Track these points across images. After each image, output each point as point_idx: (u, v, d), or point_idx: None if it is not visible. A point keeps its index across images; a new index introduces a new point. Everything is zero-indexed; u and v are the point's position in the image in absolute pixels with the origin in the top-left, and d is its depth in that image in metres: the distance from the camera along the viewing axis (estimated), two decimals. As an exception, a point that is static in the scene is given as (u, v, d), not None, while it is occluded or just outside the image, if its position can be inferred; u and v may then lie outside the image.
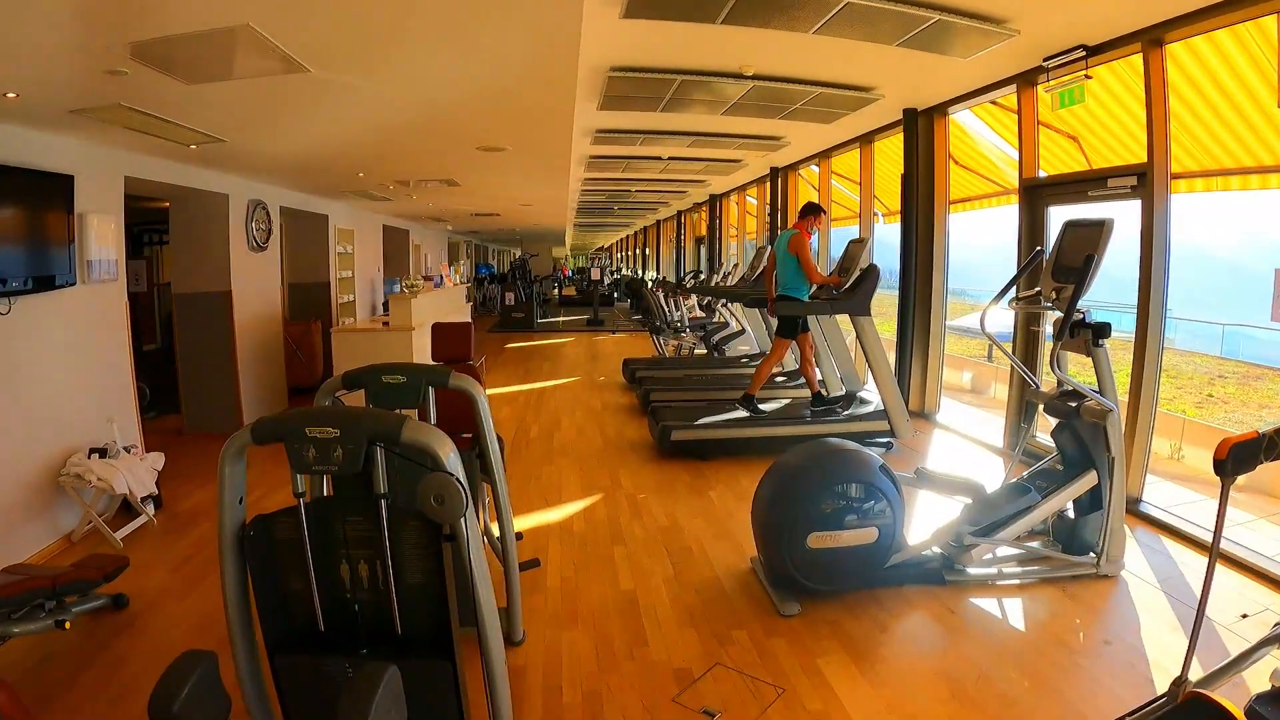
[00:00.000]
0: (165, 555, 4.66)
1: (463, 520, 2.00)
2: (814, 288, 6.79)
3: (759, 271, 9.79)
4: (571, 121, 5.64)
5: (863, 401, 7.09)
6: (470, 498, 2.01)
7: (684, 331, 11.41)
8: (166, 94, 4.12)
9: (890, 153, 9.18)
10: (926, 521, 4.35)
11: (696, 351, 12.03)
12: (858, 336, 6.55)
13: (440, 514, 2.01)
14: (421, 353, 7.71)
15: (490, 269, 27.57)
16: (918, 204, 8.02)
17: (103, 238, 5.58)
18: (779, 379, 9.44)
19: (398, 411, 2.27)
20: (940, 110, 7.71)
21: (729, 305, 11.85)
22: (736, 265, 12.76)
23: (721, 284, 12.42)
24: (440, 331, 4.51)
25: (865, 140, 9.25)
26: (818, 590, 3.70)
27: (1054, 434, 4.18)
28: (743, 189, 15.18)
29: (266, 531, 2.14)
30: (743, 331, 11.52)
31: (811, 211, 6.90)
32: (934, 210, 8.01)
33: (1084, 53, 5.38)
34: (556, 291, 29.04)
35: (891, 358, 8.32)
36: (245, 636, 2.15)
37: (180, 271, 7.98)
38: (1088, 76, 5.49)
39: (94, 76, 3.70)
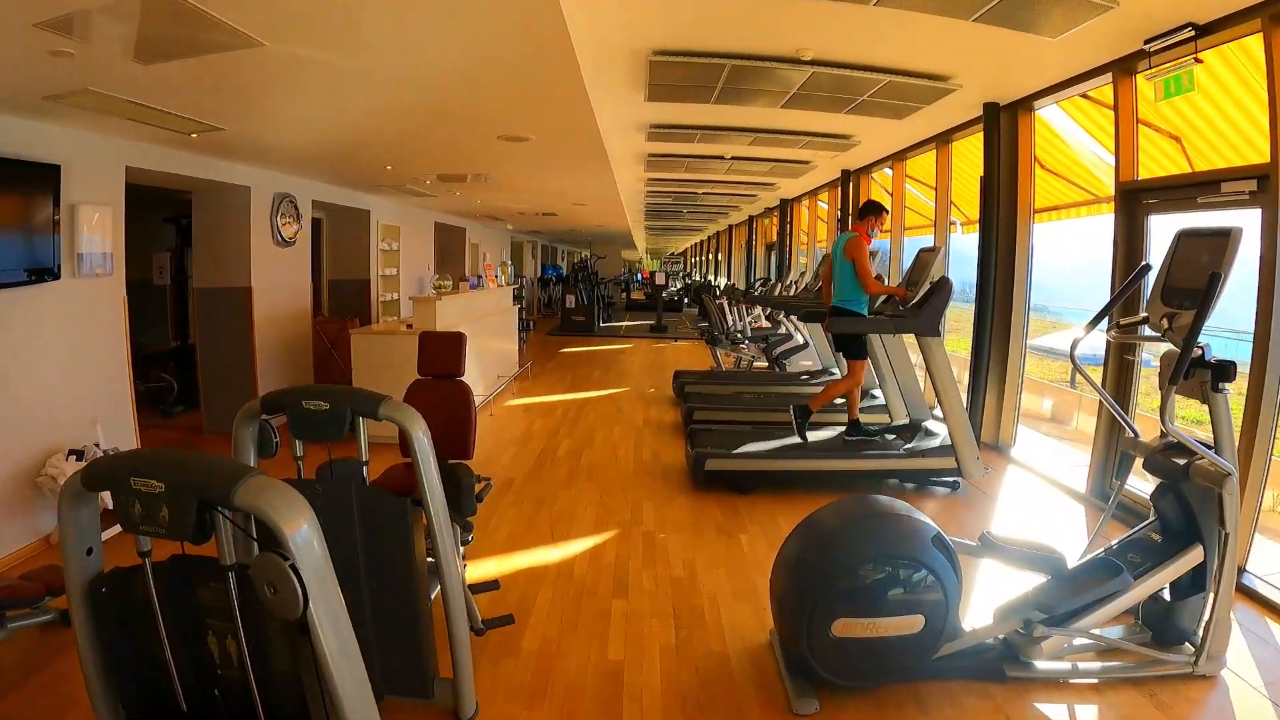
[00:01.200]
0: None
1: (310, 613, 1.57)
2: (877, 300, 6.04)
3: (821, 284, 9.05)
4: (589, 107, 5.05)
5: (928, 433, 6.28)
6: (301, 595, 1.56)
7: (743, 343, 10.67)
8: (130, 76, 3.79)
9: (970, 155, 8.33)
10: (988, 596, 3.57)
11: (757, 364, 11.29)
12: (924, 359, 5.78)
13: (276, 605, 1.57)
14: None
15: (558, 270, 27.19)
16: (998, 211, 7.17)
17: (95, 229, 5.22)
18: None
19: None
20: (1025, 105, 6.87)
21: (790, 316, 11.08)
22: (805, 274, 12.00)
23: (785, 293, 11.68)
24: (429, 342, 3.96)
25: (942, 140, 8.41)
26: (843, 686, 2.98)
27: (1154, 496, 3.35)
28: (814, 193, 14.34)
29: (124, 589, 1.80)
30: (805, 345, 10.75)
31: (871, 211, 6.14)
32: (1016, 218, 7.16)
33: (1193, 32, 4.51)
34: (624, 295, 28.56)
35: (963, 380, 7.49)
36: (108, 710, 1.86)
37: (201, 266, 7.76)
38: (1197, 60, 4.62)
39: (39, 59, 3.40)
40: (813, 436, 6.17)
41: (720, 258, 28.03)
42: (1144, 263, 4.50)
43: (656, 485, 5.86)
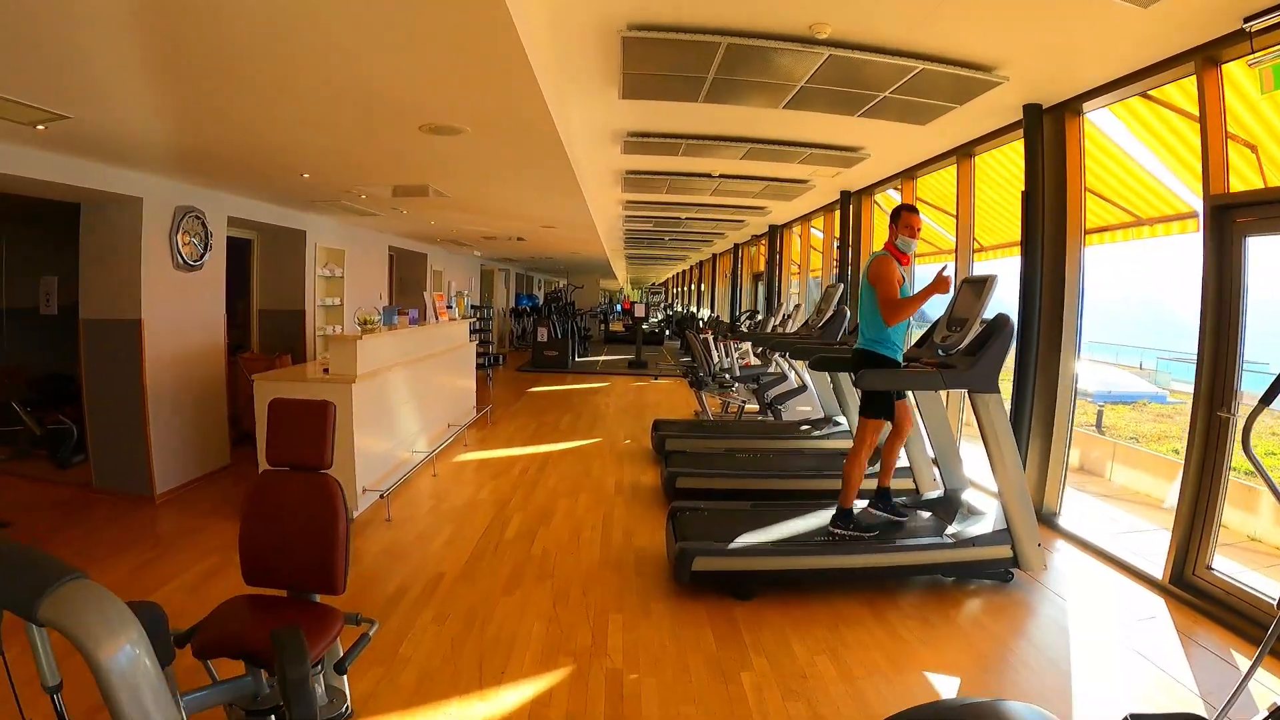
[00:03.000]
0: None
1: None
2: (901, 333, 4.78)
3: (826, 318, 7.77)
4: (535, 85, 3.73)
5: (971, 511, 4.97)
6: None
7: (733, 386, 9.33)
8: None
9: (990, 172, 7.16)
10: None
11: (748, 407, 9.95)
12: (977, 420, 4.47)
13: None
14: (366, 420, 5.82)
15: (533, 300, 25.83)
16: (1043, 232, 5.97)
17: None
18: (834, 440, 7.36)
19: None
20: (1073, 107, 5.74)
21: (786, 356, 9.78)
22: (799, 306, 10.72)
23: (780, 329, 10.40)
24: (280, 416, 2.61)
25: (963, 153, 7.23)
26: None
27: None
28: (807, 219, 13.16)
29: None
30: (804, 388, 9.43)
31: (894, 217, 4.84)
32: (1065, 241, 5.95)
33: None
34: (602, 327, 27.31)
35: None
36: None
37: (89, 293, 6.42)
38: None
39: None
40: (826, 519, 4.84)
41: (703, 288, 26.80)
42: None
43: (628, 586, 4.46)
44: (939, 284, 4.47)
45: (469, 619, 3.97)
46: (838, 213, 10.87)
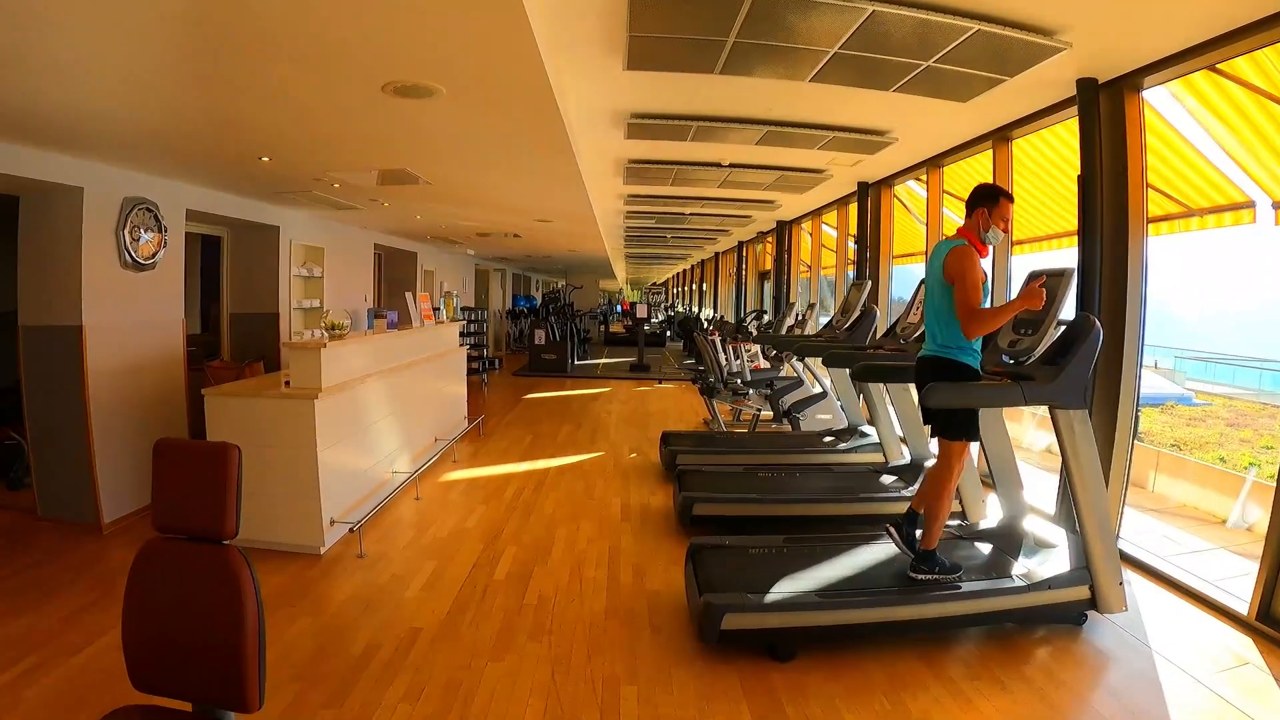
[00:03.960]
0: None
1: None
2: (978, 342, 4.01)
3: (853, 318, 7.07)
4: (526, 24, 2.96)
5: (1039, 543, 4.26)
6: None
7: (747, 393, 8.59)
8: None
9: (1023, 160, 6.53)
10: None
11: (763, 415, 9.20)
12: (1059, 439, 3.76)
13: None
14: (334, 440, 5.09)
15: (530, 301, 25.07)
16: (1102, 222, 5.26)
17: None
18: (863, 454, 6.64)
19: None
20: (1133, 83, 5.03)
21: (802, 358, 9.04)
22: (812, 306, 10.00)
23: (795, 331, 9.69)
24: (168, 460, 1.86)
25: (1000, 137, 6.57)
26: None
27: None
28: (818, 214, 12.41)
29: None
30: (823, 394, 8.71)
31: (983, 200, 3.97)
32: (1127, 231, 5.23)
33: None
34: (602, 328, 26.59)
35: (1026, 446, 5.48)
36: None
37: (28, 295, 5.70)
38: None
39: None
40: (873, 557, 4.12)
41: (705, 287, 26.05)
42: None
43: (642, 646, 3.72)
44: (1031, 297, 3.64)
45: (448, 694, 3.22)
46: (853, 206, 10.17)
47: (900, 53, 4.51)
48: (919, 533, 3.96)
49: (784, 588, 3.70)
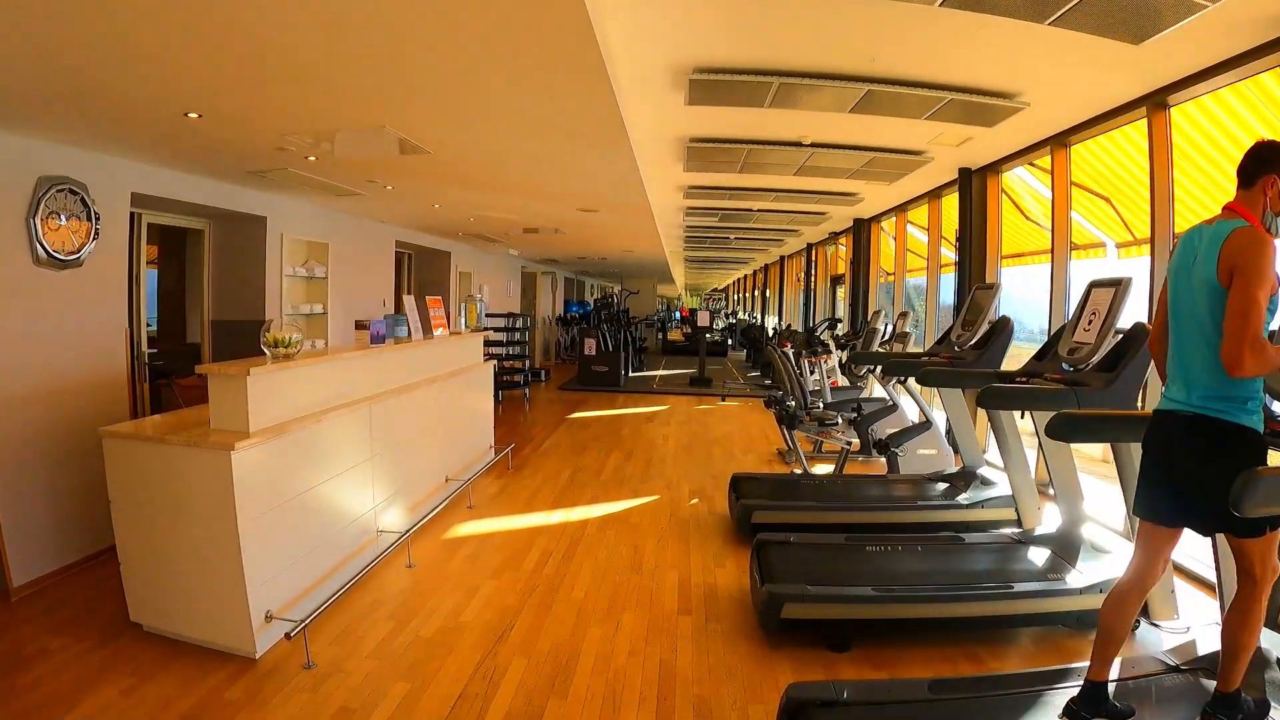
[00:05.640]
0: None
1: None
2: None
3: (980, 332, 5.46)
4: None
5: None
6: None
7: (836, 422, 6.88)
8: None
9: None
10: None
11: (849, 437, 7.41)
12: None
13: None
14: (267, 500, 3.52)
15: (584, 307, 23.61)
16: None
17: None
18: (991, 510, 4.99)
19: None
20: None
21: (901, 379, 7.32)
22: (905, 314, 8.28)
23: (889, 345, 8.03)
24: None
25: (1157, 103, 5.16)
26: None
27: None
28: (903, 208, 10.70)
29: None
30: (928, 424, 7.00)
31: (1269, 162, 2.41)
32: None
33: None
34: (659, 335, 25.05)
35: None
36: None
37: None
38: None
39: None
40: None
41: (769, 294, 24.29)
42: None
43: None
44: None
45: None
46: (950, 198, 8.53)
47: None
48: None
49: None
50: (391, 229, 9.63)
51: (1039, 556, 4.18)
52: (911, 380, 7.10)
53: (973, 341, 5.46)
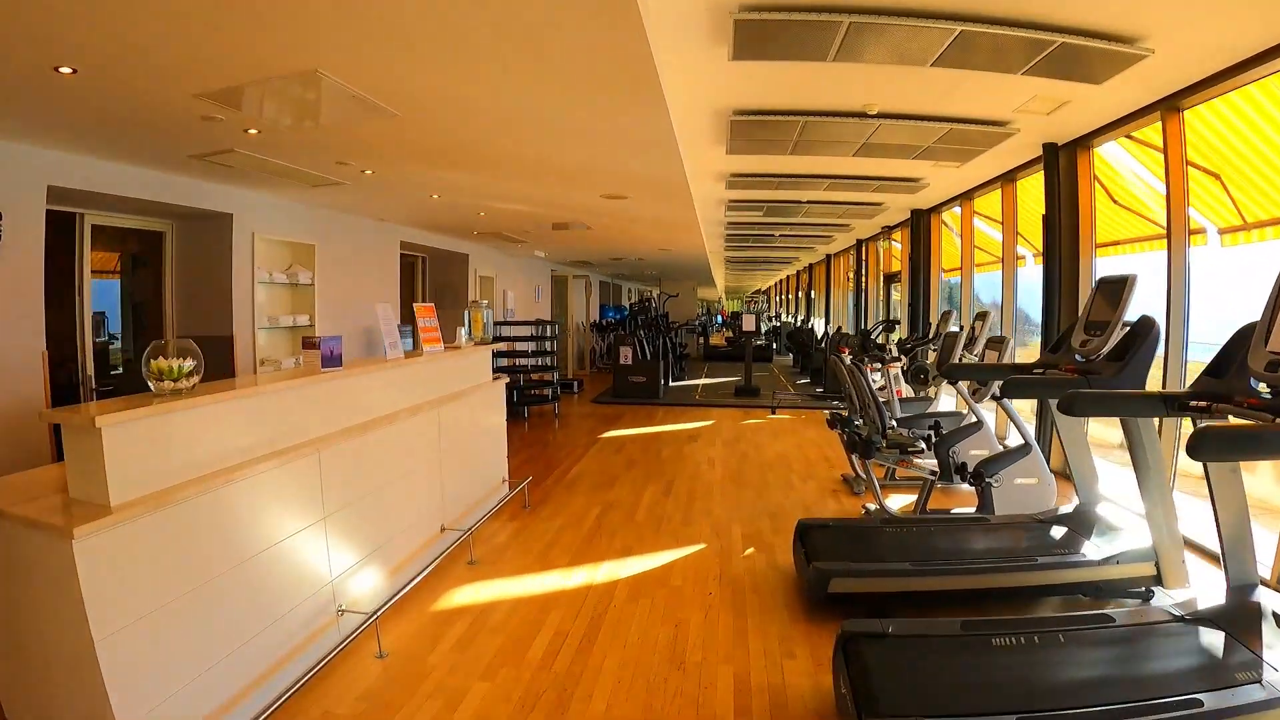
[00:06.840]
0: None
1: None
2: None
3: (1114, 340, 4.25)
4: None
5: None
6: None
7: (920, 449, 5.64)
8: None
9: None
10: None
11: (927, 462, 6.15)
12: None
13: None
14: (149, 600, 2.36)
15: (621, 312, 22.48)
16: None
17: None
18: (1128, 567, 3.77)
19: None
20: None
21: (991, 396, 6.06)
22: (984, 315, 7.04)
23: (971, 354, 6.79)
24: None
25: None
26: None
27: None
28: (968, 195, 9.47)
29: None
30: (1027, 447, 5.72)
31: None
32: None
33: None
34: (701, 341, 23.91)
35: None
36: None
37: None
38: None
39: None
40: None
41: (814, 295, 22.95)
42: None
43: None
44: None
45: None
46: (1026, 180, 7.39)
47: None
48: None
49: None
50: (394, 228, 8.56)
51: (1213, 641, 2.97)
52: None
53: (1105, 350, 4.22)
